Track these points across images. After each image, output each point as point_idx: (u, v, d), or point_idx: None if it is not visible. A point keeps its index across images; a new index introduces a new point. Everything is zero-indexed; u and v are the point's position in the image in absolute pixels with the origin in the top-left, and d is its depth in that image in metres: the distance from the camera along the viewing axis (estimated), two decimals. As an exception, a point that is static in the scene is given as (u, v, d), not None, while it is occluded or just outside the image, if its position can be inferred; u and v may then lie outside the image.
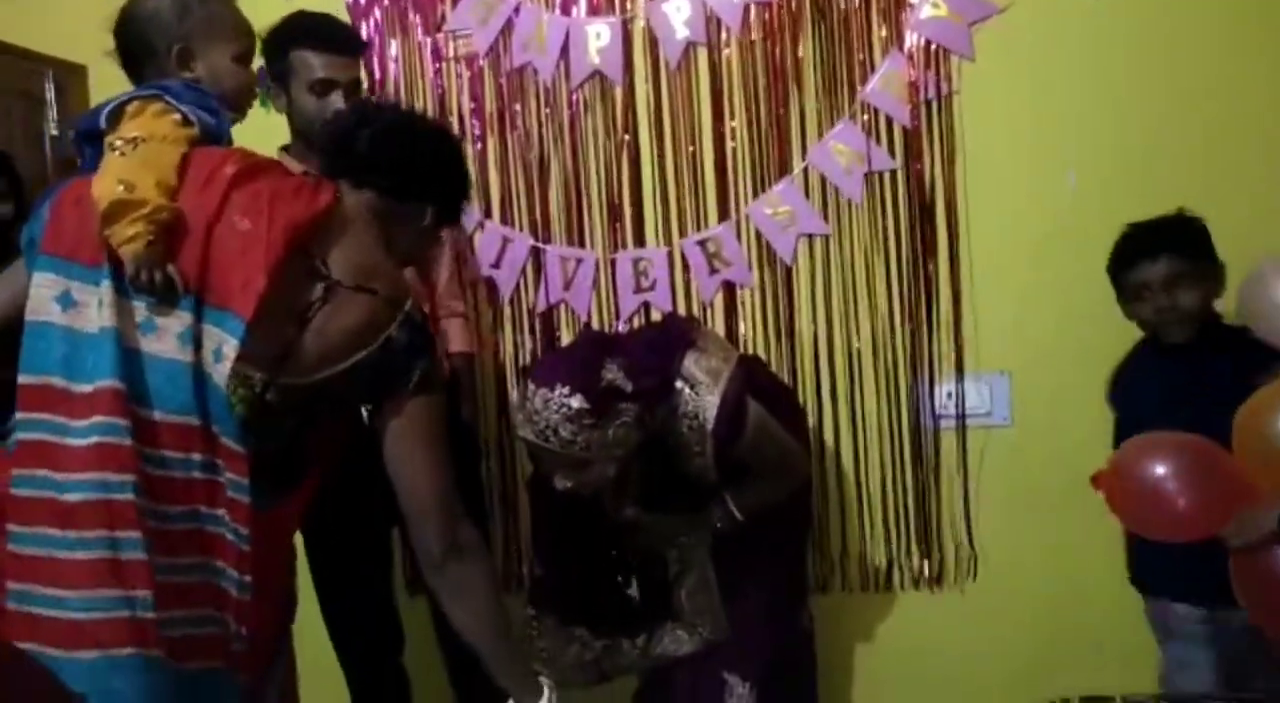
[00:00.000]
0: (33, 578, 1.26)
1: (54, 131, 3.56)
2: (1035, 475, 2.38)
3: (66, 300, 1.30)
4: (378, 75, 2.58)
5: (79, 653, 1.25)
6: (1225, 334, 1.94)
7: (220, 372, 1.29)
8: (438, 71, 2.56)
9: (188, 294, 1.31)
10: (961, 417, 2.39)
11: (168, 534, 1.29)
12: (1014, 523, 2.40)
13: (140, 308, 1.31)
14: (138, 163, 1.32)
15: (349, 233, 1.40)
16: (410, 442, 1.40)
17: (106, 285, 1.30)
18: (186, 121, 1.41)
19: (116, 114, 1.40)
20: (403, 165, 1.46)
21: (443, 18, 2.54)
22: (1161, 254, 1.92)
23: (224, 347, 1.30)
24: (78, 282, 1.31)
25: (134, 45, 1.51)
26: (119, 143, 1.35)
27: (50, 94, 3.46)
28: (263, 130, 2.61)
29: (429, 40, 2.56)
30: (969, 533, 2.41)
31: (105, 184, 1.31)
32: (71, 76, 3.62)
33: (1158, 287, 1.92)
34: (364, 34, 2.58)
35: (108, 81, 1.64)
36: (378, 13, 2.59)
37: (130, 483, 1.26)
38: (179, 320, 1.30)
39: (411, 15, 2.57)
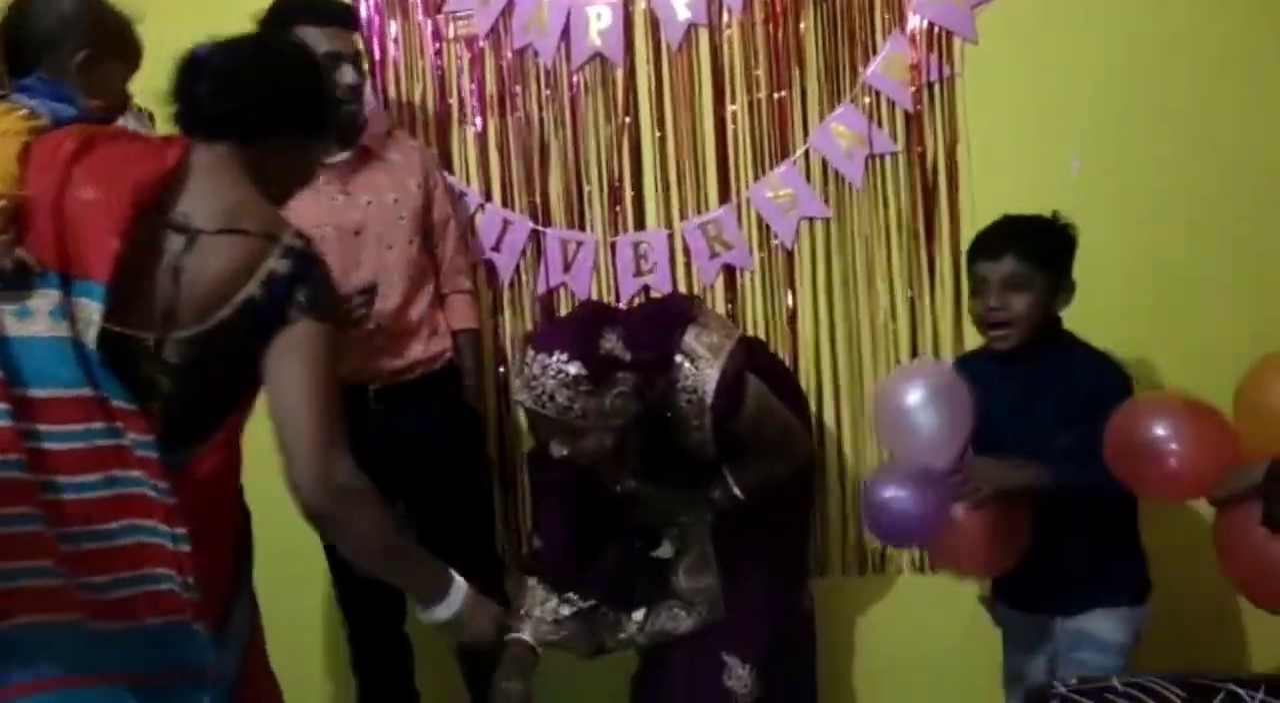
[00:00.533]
0: None
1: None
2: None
3: None
4: (377, 56, 2.56)
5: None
6: (1064, 347, 1.94)
7: (90, 336, 1.32)
8: (438, 52, 2.54)
9: (48, 273, 1.33)
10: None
11: (80, 503, 1.32)
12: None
13: (7, 296, 1.34)
14: None
15: (207, 181, 1.41)
16: (290, 365, 1.38)
17: None
18: (34, 114, 1.45)
19: None
20: (247, 109, 1.44)
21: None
22: (1005, 253, 1.90)
23: (92, 314, 1.32)
24: None
25: (33, 36, 1.59)
26: None
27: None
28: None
29: (429, 21, 2.54)
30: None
31: None
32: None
33: (994, 285, 1.90)
34: (364, 14, 2.58)
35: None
36: None
37: (15, 462, 1.29)
38: (47, 299, 1.33)
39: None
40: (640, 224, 2.51)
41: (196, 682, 1.39)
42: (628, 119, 2.49)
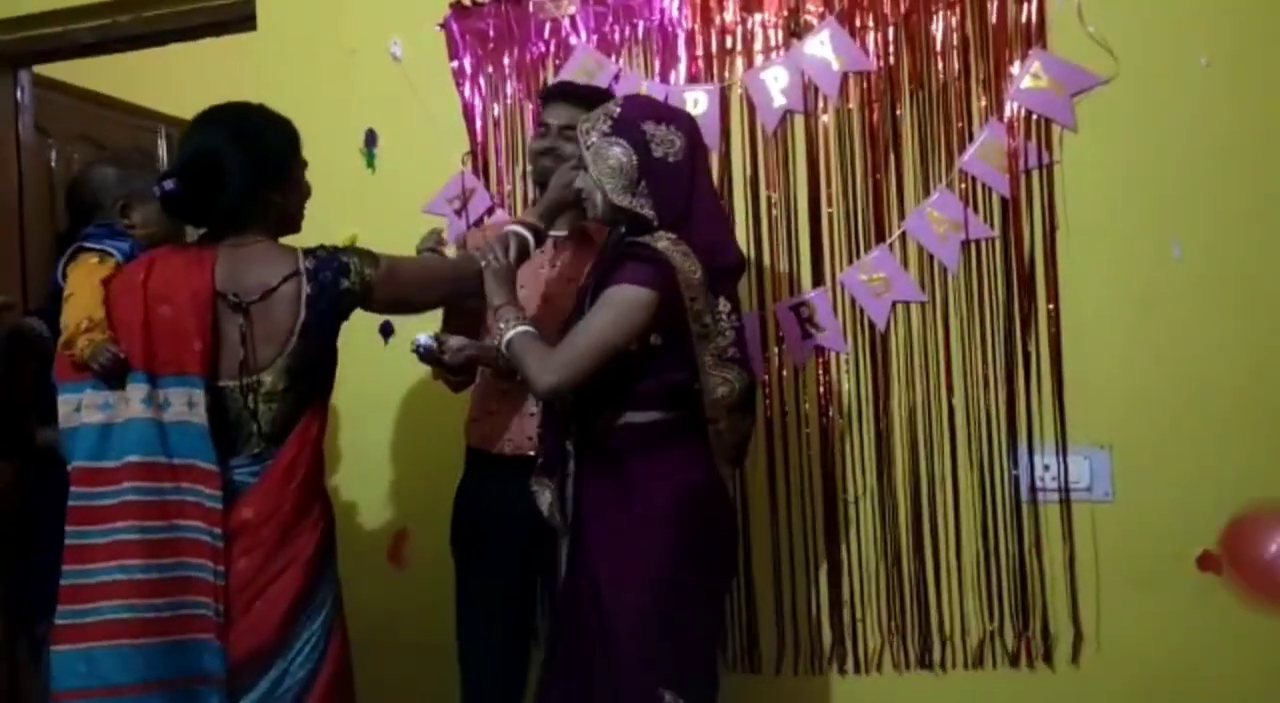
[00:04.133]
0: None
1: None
2: (1139, 552, 2.31)
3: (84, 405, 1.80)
4: (479, 139, 2.65)
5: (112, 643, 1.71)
6: None
7: (199, 415, 1.76)
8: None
9: (137, 371, 1.76)
10: (1063, 490, 2.34)
11: (146, 543, 1.72)
12: (1117, 601, 2.32)
13: (109, 395, 1.77)
14: (72, 308, 1.83)
15: (242, 264, 1.84)
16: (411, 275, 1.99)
17: (90, 392, 1.78)
18: (106, 255, 1.95)
19: (64, 272, 1.97)
20: (233, 204, 1.82)
21: (544, 84, 2.60)
22: None
23: (193, 398, 1.77)
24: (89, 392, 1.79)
25: (85, 201, 2.21)
26: (65, 297, 1.88)
27: (162, 149, 3.62)
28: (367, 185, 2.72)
29: (530, 106, 2.62)
30: (1073, 610, 2.34)
31: (64, 326, 1.82)
32: (181, 131, 3.76)
33: None
34: (466, 100, 2.67)
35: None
36: (481, 80, 2.66)
37: (127, 527, 1.73)
38: (138, 391, 1.75)
39: (514, 82, 2.63)
40: (732, 305, 2.53)
41: (209, 686, 1.74)
42: (722, 201, 2.52)
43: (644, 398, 1.88)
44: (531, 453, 2.12)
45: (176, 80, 3.55)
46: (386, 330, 2.69)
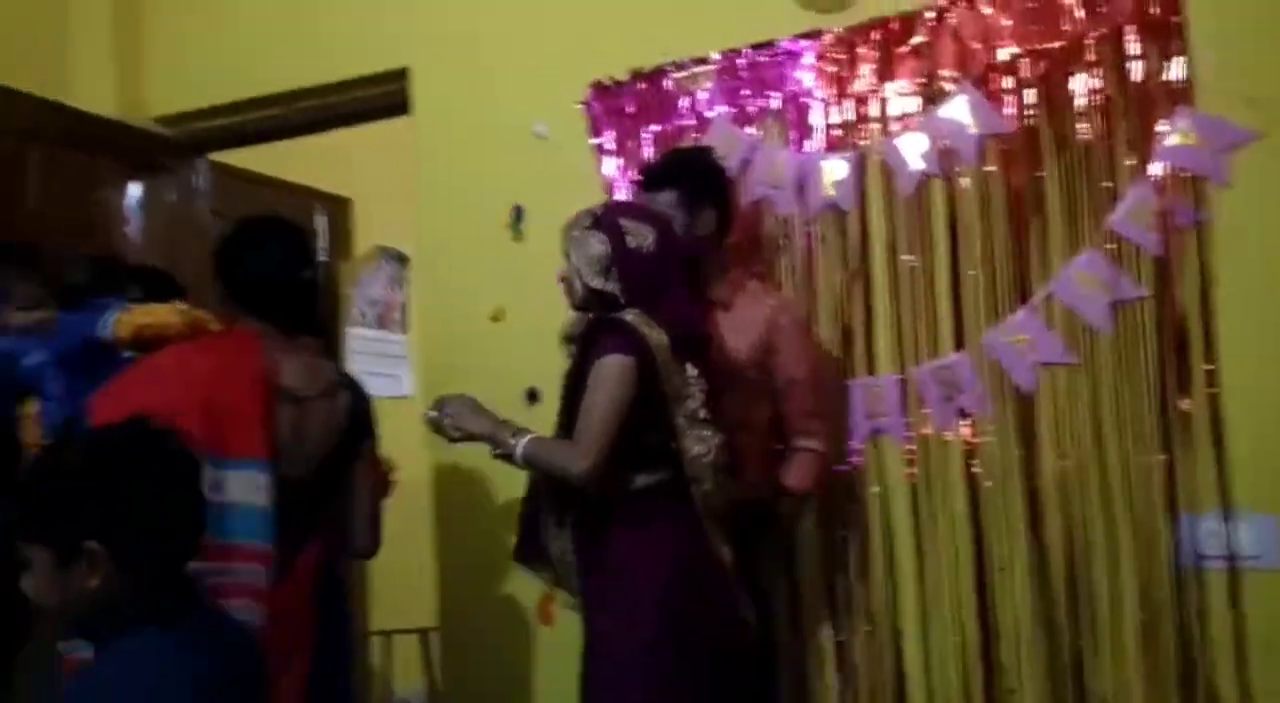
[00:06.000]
0: None
1: (323, 258, 3.95)
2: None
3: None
4: (620, 210, 2.74)
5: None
6: None
7: (264, 497, 1.89)
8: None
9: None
10: (1230, 558, 2.25)
11: None
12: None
13: None
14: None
15: (294, 360, 2.05)
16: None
17: None
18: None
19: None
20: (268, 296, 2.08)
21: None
22: None
23: (262, 482, 1.89)
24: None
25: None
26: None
27: (321, 225, 3.86)
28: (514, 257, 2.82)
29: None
30: (1240, 683, 2.22)
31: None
32: (339, 209, 4.02)
33: None
34: (606, 173, 2.77)
35: (369, 215, 2.03)
36: (622, 154, 2.76)
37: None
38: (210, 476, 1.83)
39: (653, 155, 2.72)
40: (871, 369, 2.54)
41: None
42: (861, 266, 2.54)
43: (622, 460, 1.98)
44: None
45: (331, 162, 3.80)
46: (534, 396, 2.79)
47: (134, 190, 3.14)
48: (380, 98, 3.08)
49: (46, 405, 2.27)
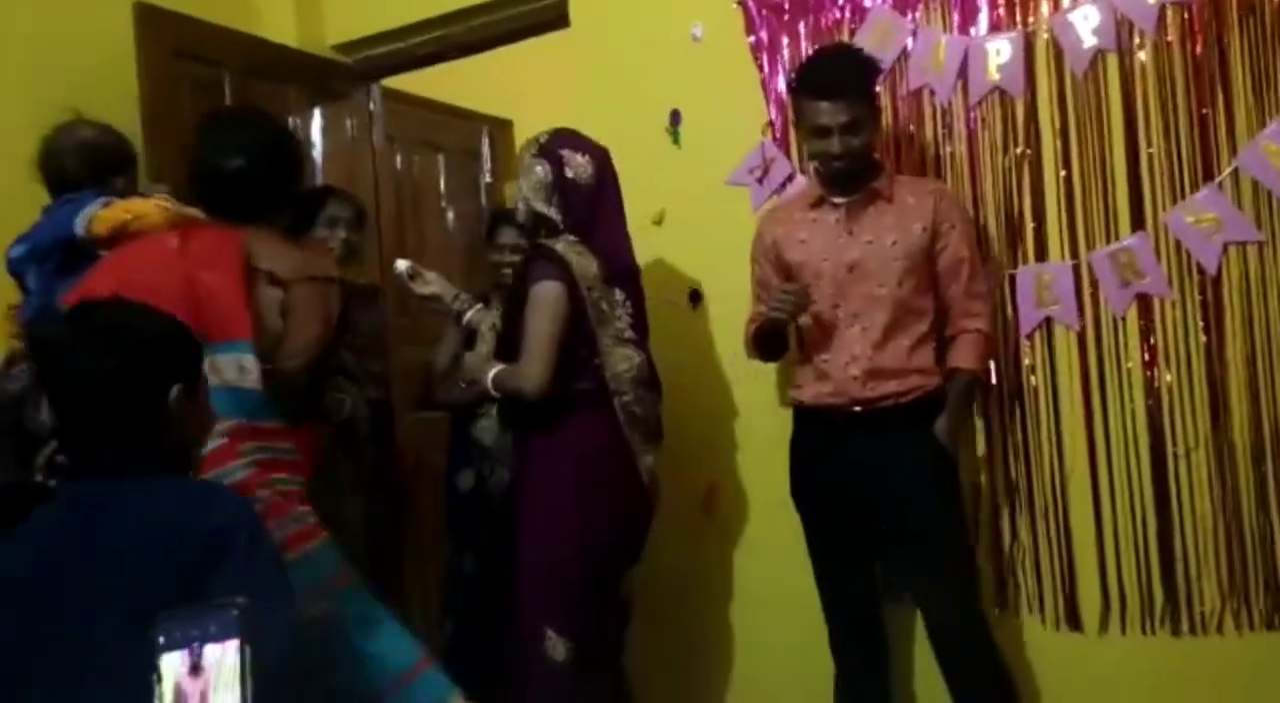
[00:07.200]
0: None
1: (488, 179, 4.10)
2: None
3: None
4: (778, 109, 2.74)
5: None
6: None
7: (251, 379, 1.86)
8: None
9: None
10: None
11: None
12: None
13: None
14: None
15: (271, 246, 2.02)
16: None
17: None
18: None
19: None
20: (261, 200, 2.06)
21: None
22: None
23: (248, 363, 1.86)
24: None
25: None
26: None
27: (485, 147, 4.00)
28: (673, 162, 2.86)
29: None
30: None
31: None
32: (500, 131, 4.15)
33: None
34: (764, 72, 2.76)
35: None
36: (778, 52, 2.75)
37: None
38: None
39: (811, 50, 2.69)
40: (1041, 256, 2.47)
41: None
42: (1028, 151, 2.47)
43: (558, 370, 2.24)
44: (857, 409, 2.31)
45: (493, 84, 3.90)
46: (696, 297, 2.84)
47: (317, 117, 3.32)
48: (540, 12, 3.15)
49: (27, 299, 2.23)
